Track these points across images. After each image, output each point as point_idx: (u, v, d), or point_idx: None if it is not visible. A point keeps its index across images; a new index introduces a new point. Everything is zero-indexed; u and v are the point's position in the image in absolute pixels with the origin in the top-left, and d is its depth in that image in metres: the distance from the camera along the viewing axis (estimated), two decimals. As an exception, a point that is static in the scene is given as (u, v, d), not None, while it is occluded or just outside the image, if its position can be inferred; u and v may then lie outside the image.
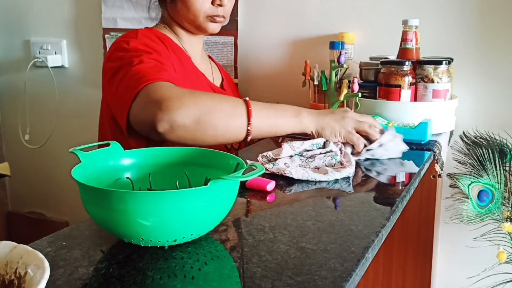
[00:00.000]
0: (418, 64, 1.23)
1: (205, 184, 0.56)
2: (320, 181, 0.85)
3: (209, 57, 1.39)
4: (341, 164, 0.92)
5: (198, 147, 0.75)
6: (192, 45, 1.23)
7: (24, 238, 1.16)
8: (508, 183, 1.26)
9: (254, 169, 0.58)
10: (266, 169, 0.87)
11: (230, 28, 1.71)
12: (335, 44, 1.33)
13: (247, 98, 0.96)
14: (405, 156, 1.07)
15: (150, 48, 1.05)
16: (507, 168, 1.27)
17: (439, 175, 1.20)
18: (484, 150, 1.28)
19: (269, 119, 0.97)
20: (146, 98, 0.92)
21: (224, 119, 0.92)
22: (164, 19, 1.23)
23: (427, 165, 1.04)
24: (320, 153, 0.94)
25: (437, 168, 1.14)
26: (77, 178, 0.59)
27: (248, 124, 0.93)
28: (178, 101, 0.89)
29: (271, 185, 0.81)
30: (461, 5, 1.40)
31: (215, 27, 1.18)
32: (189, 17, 1.15)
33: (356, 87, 1.21)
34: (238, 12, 1.69)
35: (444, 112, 1.21)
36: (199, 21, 1.15)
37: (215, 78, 1.31)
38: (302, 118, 0.99)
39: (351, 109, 1.31)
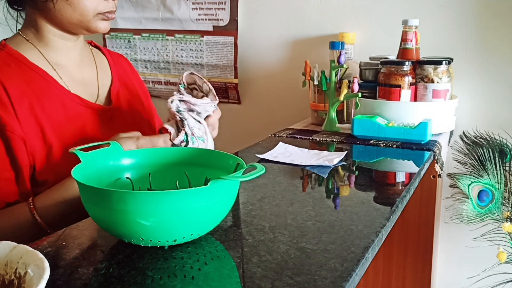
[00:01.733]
0: (418, 64, 1.23)
1: (205, 184, 0.56)
2: None
3: (102, 49, 1.13)
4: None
5: None
6: (67, 53, 0.98)
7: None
8: (508, 183, 1.26)
9: (254, 169, 0.58)
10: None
11: (230, 28, 1.71)
12: (335, 44, 1.33)
13: (30, 204, 0.82)
14: (405, 156, 1.08)
15: None
16: (507, 168, 1.27)
17: (439, 175, 1.20)
18: (484, 150, 1.28)
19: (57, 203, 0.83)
20: None
21: (17, 234, 0.80)
22: (31, 23, 0.96)
23: (427, 165, 1.04)
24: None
25: (437, 168, 1.14)
26: (77, 178, 0.59)
27: (39, 221, 0.82)
28: None
29: None
30: (461, 5, 1.40)
31: (106, 26, 0.96)
32: (75, 18, 0.92)
33: (356, 87, 1.21)
34: (238, 12, 1.69)
35: (444, 112, 1.21)
36: (88, 21, 0.93)
37: (101, 85, 1.04)
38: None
39: (351, 109, 1.31)
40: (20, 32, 0.97)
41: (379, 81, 1.23)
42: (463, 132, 1.38)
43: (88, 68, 1.03)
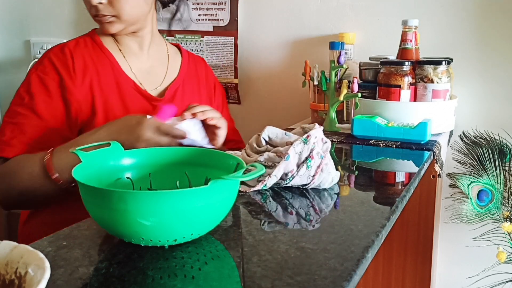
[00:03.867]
0: (418, 64, 1.23)
1: (205, 184, 0.56)
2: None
3: (182, 52, 1.28)
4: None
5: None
6: (128, 45, 1.16)
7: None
8: (508, 183, 1.26)
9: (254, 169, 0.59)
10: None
11: (230, 28, 1.71)
12: (335, 44, 1.33)
13: (45, 157, 0.94)
14: (404, 156, 1.08)
15: (42, 85, 1.06)
16: (506, 168, 1.27)
17: (439, 175, 1.20)
18: (483, 150, 1.28)
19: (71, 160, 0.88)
20: None
21: (34, 185, 0.95)
22: None
23: (426, 165, 1.04)
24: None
25: (437, 168, 1.14)
26: (78, 178, 0.59)
27: (52, 176, 0.94)
28: None
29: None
30: (461, 5, 1.40)
31: (108, 27, 1.09)
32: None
33: (356, 87, 1.21)
34: (238, 12, 1.69)
35: (443, 112, 1.22)
36: (96, 21, 1.11)
37: (166, 79, 1.20)
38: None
39: (351, 109, 1.31)
40: None
41: (378, 81, 1.23)
42: (463, 132, 1.38)
43: (159, 62, 1.21)
